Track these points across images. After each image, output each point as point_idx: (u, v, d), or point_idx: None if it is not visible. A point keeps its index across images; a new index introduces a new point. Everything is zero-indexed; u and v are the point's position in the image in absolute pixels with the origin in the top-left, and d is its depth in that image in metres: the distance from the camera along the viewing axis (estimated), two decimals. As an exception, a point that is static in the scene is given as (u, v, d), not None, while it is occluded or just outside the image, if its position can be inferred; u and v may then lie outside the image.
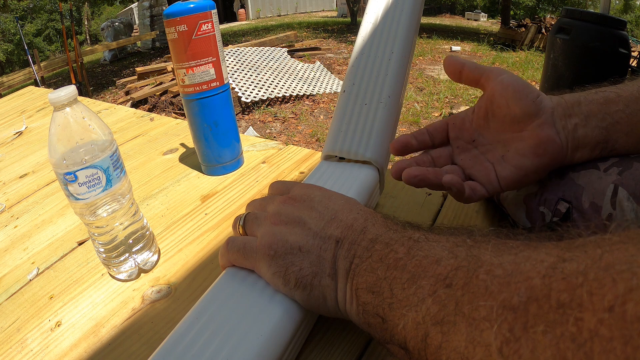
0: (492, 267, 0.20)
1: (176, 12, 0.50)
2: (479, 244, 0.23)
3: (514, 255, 0.20)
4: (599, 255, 0.16)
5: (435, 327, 0.21)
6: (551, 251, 0.19)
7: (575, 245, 0.18)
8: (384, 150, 0.45)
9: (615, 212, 0.34)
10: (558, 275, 0.17)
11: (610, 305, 0.14)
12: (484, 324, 0.18)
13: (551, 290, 0.17)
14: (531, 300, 0.17)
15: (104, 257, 0.41)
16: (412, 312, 0.22)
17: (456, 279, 0.21)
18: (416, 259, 0.24)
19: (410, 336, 0.22)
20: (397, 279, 0.24)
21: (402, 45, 0.48)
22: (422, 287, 0.22)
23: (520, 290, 0.18)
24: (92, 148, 0.36)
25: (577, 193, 0.36)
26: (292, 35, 6.82)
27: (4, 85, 5.88)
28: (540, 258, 0.19)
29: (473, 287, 0.20)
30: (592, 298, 0.15)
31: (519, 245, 0.21)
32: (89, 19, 17.17)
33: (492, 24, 10.43)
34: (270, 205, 0.34)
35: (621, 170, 0.35)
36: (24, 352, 0.35)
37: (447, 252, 0.23)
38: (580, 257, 0.17)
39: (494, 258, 0.21)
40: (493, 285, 0.19)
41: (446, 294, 0.21)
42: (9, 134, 0.86)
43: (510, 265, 0.19)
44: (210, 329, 0.28)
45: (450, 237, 0.25)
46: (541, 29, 6.46)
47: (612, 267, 0.15)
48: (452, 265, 0.22)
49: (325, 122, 3.68)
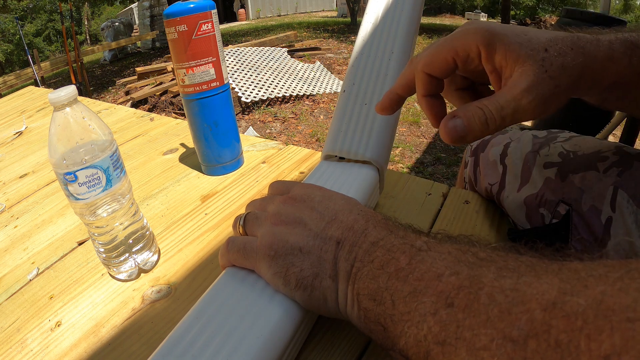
0: (493, 291, 0.20)
1: (176, 12, 0.50)
2: (480, 262, 0.23)
3: (516, 280, 0.20)
4: (599, 297, 0.17)
5: (437, 346, 0.21)
6: (552, 281, 0.19)
7: (577, 278, 0.18)
8: (383, 150, 0.45)
9: (614, 216, 0.34)
10: (558, 313, 0.17)
11: (606, 355, 0.15)
12: (484, 353, 0.19)
13: (551, 328, 0.17)
14: (531, 336, 0.17)
15: (104, 257, 0.41)
16: (413, 328, 0.22)
17: (457, 299, 0.21)
18: (418, 272, 0.24)
19: (412, 351, 0.22)
20: (398, 291, 0.24)
21: (402, 45, 0.48)
22: (424, 304, 0.22)
23: (520, 322, 0.18)
24: (92, 148, 0.36)
25: (577, 195, 0.36)
26: (292, 35, 6.82)
27: (7, 84, 5.87)
28: (542, 289, 0.19)
29: (474, 312, 0.20)
30: (590, 345, 0.15)
31: (521, 267, 0.21)
32: (89, 19, 17.16)
33: (492, 24, 10.40)
34: (271, 205, 0.34)
35: (621, 171, 0.35)
36: (24, 352, 0.35)
37: (449, 270, 0.23)
38: (581, 295, 0.17)
39: (495, 281, 0.21)
40: (493, 313, 0.19)
41: (447, 314, 0.21)
42: (9, 134, 0.86)
43: (511, 292, 0.20)
44: (210, 329, 0.28)
45: (452, 250, 0.25)
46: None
47: (612, 314, 0.16)
48: (454, 284, 0.22)
49: (325, 122, 3.68)
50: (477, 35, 0.29)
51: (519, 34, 0.29)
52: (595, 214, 0.35)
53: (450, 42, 0.30)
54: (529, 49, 0.28)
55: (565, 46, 0.29)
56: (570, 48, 0.29)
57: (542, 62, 0.28)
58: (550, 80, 0.28)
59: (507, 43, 0.29)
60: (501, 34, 0.29)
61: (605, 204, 0.34)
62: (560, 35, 0.30)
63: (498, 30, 0.29)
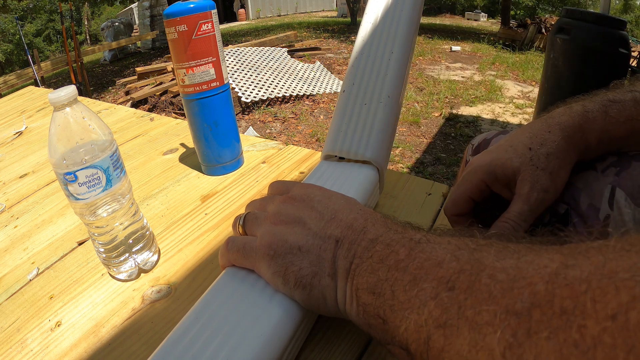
0: (494, 271, 0.20)
1: (176, 12, 0.50)
2: (481, 247, 0.23)
3: (517, 260, 0.20)
4: (602, 262, 0.17)
5: (438, 330, 0.21)
6: (554, 256, 0.19)
7: (578, 251, 0.18)
8: (383, 150, 0.45)
9: (613, 214, 0.34)
10: (561, 282, 0.17)
11: (613, 313, 0.15)
12: (487, 328, 0.18)
13: (554, 297, 0.17)
14: (534, 306, 0.17)
15: (104, 257, 0.41)
16: (414, 314, 0.22)
17: (458, 282, 0.21)
18: (418, 261, 0.24)
19: (412, 338, 0.22)
20: (398, 280, 0.24)
21: (402, 45, 0.48)
22: (424, 290, 0.22)
23: (523, 296, 0.18)
24: (92, 148, 0.36)
25: (575, 194, 0.36)
26: (292, 35, 6.82)
27: (7, 84, 5.86)
28: (543, 263, 0.19)
29: (476, 291, 0.20)
30: (596, 306, 0.15)
31: (521, 249, 0.21)
32: (89, 19, 17.16)
33: (492, 24, 10.43)
34: (270, 205, 0.34)
35: (619, 171, 0.35)
36: (24, 352, 0.35)
37: (449, 255, 0.23)
38: (583, 264, 0.17)
39: (497, 262, 0.21)
40: (496, 289, 0.19)
41: (449, 297, 0.21)
42: (9, 134, 0.86)
43: (512, 269, 0.19)
44: (210, 329, 0.28)
45: (452, 239, 0.25)
46: (541, 29, 6.46)
47: (616, 274, 0.16)
48: (455, 268, 0.22)
49: (325, 122, 3.68)
50: (477, 174, 0.37)
51: (507, 149, 0.36)
52: (593, 213, 0.35)
53: (463, 188, 0.37)
54: (517, 158, 0.35)
55: (543, 132, 0.35)
56: (548, 131, 0.35)
57: (531, 161, 0.34)
58: (542, 172, 0.34)
59: (503, 166, 0.35)
60: (495, 159, 0.36)
61: (603, 202, 0.34)
62: (537, 125, 0.36)
63: (492, 158, 0.36)
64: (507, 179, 0.36)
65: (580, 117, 0.35)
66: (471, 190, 0.37)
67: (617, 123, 0.34)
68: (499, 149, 0.37)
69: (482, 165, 0.37)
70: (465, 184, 0.38)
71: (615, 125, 0.34)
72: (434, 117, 3.69)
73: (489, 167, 0.36)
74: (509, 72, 5.12)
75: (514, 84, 4.66)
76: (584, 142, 0.35)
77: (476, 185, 0.37)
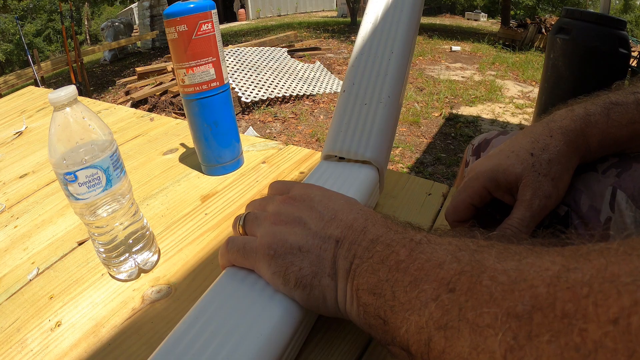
0: (495, 273, 0.20)
1: (176, 12, 0.50)
2: (482, 248, 0.23)
3: (518, 262, 0.20)
4: (603, 265, 0.16)
5: (439, 331, 0.20)
6: (555, 259, 0.19)
7: (580, 254, 0.18)
8: (383, 150, 0.45)
9: (614, 215, 0.34)
10: (563, 285, 0.17)
11: (615, 318, 0.14)
12: (488, 331, 0.18)
13: (556, 300, 0.17)
14: (536, 309, 0.17)
15: (104, 257, 0.41)
16: (414, 315, 0.22)
17: (459, 284, 0.21)
18: (418, 262, 0.24)
19: (413, 340, 0.22)
20: (399, 281, 0.24)
21: (402, 45, 0.48)
22: (425, 291, 0.22)
23: (524, 299, 0.18)
24: (92, 148, 0.36)
25: (576, 196, 0.36)
26: (292, 35, 6.82)
27: (7, 84, 5.86)
28: (545, 266, 0.19)
29: (477, 293, 0.20)
30: (597, 310, 0.15)
31: (523, 251, 0.21)
32: (89, 19, 17.16)
33: (492, 24, 10.43)
34: (270, 205, 0.34)
35: (620, 172, 0.35)
36: (24, 352, 0.35)
37: (450, 256, 0.23)
38: (584, 267, 0.17)
39: (498, 264, 0.21)
40: (497, 292, 0.19)
41: (449, 299, 0.21)
42: (9, 134, 0.86)
43: (514, 272, 0.19)
44: (210, 329, 0.28)
45: (453, 240, 0.25)
46: (541, 29, 6.46)
47: (617, 278, 0.15)
48: (455, 269, 0.22)
49: (325, 122, 3.68)
50: (479, 181, 0.37)
51: (509, 155, 0.36)
52: (594, 214, 0.35)
53: (465, 195, 0.38)
54: (519, 164, 0.35)
55: (545, 136, 0.35)
56: (550, 136, 0.35)
57: (533, 167, 0.34)
58: (544, 178, 0.34)
59: (505, 172, 0.35)
60: (497, 165, 0.36)
61: (604, 203, 0.34)
62: (538, 129, 0.36)
63: (493, 163, 0.36)
64: (509, 185, 0.36)
65: (582, 121, 0.35)
66: (472, 197, 0.37)
67: (619, 126, 0.34)
68: (500, 154, 0.37)
69: (484, 172, 0.37)
70: (466, 190, 0.38)
71: (618, 128, 0.34)
72: (434, 117, 3.69)
73: (491, 174, 0.36)
74: (509, 72, 5.13)
75: (514, 84, 4.66)
76: (585, 146, 0.35)
77: (478, 192, 0.37)
